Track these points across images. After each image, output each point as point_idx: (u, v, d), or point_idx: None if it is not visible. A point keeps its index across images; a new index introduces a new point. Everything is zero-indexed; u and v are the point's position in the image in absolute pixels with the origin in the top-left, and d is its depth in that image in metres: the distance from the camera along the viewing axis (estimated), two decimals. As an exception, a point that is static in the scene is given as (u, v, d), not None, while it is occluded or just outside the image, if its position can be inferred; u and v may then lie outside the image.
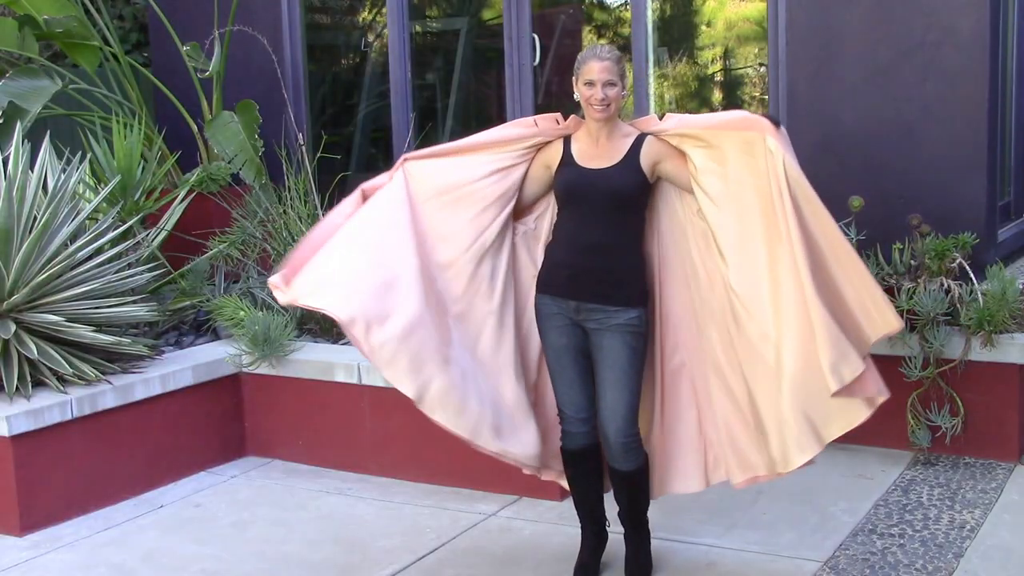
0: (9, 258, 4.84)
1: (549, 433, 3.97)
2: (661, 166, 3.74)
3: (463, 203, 3.84)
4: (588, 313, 3.72)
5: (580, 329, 3.77)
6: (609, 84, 3.64)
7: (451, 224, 3.83)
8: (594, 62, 3.66)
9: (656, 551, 4.06)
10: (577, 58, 3.75)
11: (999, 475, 4.78)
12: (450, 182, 3.85)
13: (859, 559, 4.03)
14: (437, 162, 3.89)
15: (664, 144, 3.75)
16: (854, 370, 3.53)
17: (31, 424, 4.57)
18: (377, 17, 7.51)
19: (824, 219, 3.60)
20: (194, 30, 7.10)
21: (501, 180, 3.84)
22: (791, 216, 3.53)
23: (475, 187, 3.83)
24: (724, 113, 3.84)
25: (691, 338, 3.85)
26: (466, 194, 3.83)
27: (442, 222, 3.84)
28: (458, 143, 3.95)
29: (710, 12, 6.77)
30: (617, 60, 3.68)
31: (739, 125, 3.67)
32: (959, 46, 5.24)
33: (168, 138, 6.83)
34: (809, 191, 3.58)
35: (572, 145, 3.80)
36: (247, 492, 5.01)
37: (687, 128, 3.73)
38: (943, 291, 4.88)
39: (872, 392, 3.61)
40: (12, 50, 6.93)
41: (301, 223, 5.75)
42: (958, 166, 5.31)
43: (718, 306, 3.74)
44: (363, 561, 4.23)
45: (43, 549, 4.45)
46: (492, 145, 3.87)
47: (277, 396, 5.34)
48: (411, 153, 3.96)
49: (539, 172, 3.87)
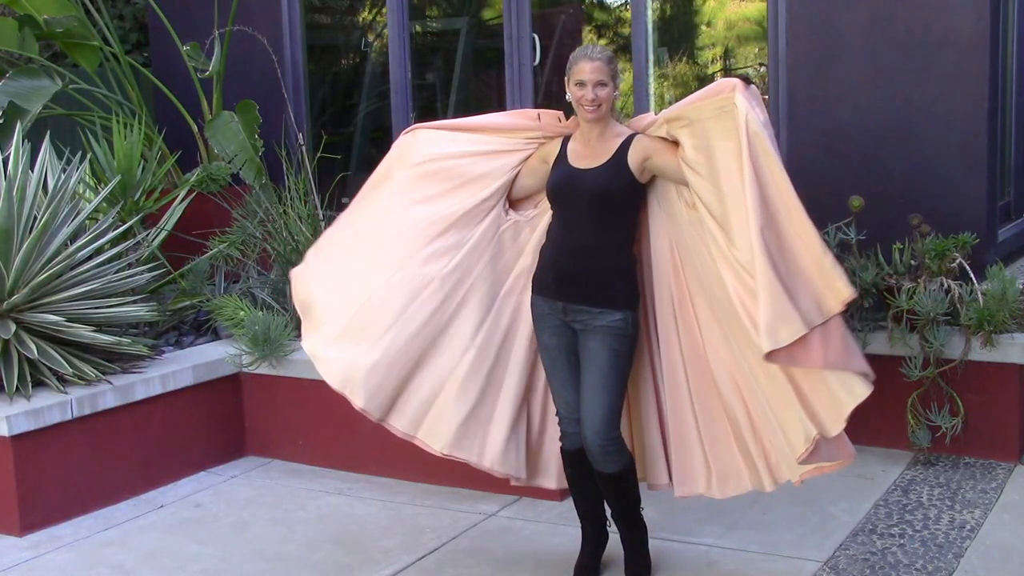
0: (9, 258, 4.84)
1: (535, 440, 3.98)
2: (650, 162, 3.70)
3: (439, 176, 3.91)
4: (574, 314, 3.73)
5: (571, 330, 3.77)
6: (600, 84, 3.63)
7: (425, 191, 3.91)
8: (585, 62, 3.64)
9: (656, 551, 4.06)
10: (569, 58, 3.74)
11: (999, 475, 4.78)
12: (436, 152, 3.92)
13: (859, 559, 4.03)
14: (439, 133, 3.98)
15: (652, 139, 3.72)
16: (793, 332, 3.37)
17: (31, 424, 4.57)
18: (377, 17, 7.51)
19: (780, 177, 3.47)
20: (194, 30, 7.10)
21: (484, 162, 3.88)
22: (747, 167, 3.43)
23: (455, 163, 3.89)
24: (702, 89, 3.75)
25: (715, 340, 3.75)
26: (444, 168, 3.90)
27: (417, 189, 3.92)
28: (462, 121, 4.01)
29: (710, 12, 6.77)
30: (608, 60, 3.66)
31: (711, 92, 3.60)
32: (959, 46, 5.24)
33: (168, 138, 6.83)
34: (768, 146, 3.47)
35: (568, 145, 3.81)
36: (247, 492, 5.01)
37: (670, 112, 3.71)
38: (943, 291, 4.88)
39: (856, 368, 3.46)
40: (12, 50, 6.93)
41: (301, 223, 5.75)
42: (958, 166, 5.31)
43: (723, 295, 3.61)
44: (363, 561, 4.23)
45: (43, 549, 4.45)
46: (492, 129, 3.93)
47: (277, 396, 5.34)
48: (421, 124, 4.06)
49: (536, 165, 3.88)
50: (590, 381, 3.69)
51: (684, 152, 3.63)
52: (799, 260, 3.47)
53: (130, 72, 7.01)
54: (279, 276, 5.83)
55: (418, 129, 4.03)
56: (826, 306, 3.45)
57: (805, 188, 5.72)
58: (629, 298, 3.74)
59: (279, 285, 5.82)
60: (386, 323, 3.86)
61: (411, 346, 3.87)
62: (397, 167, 4.00)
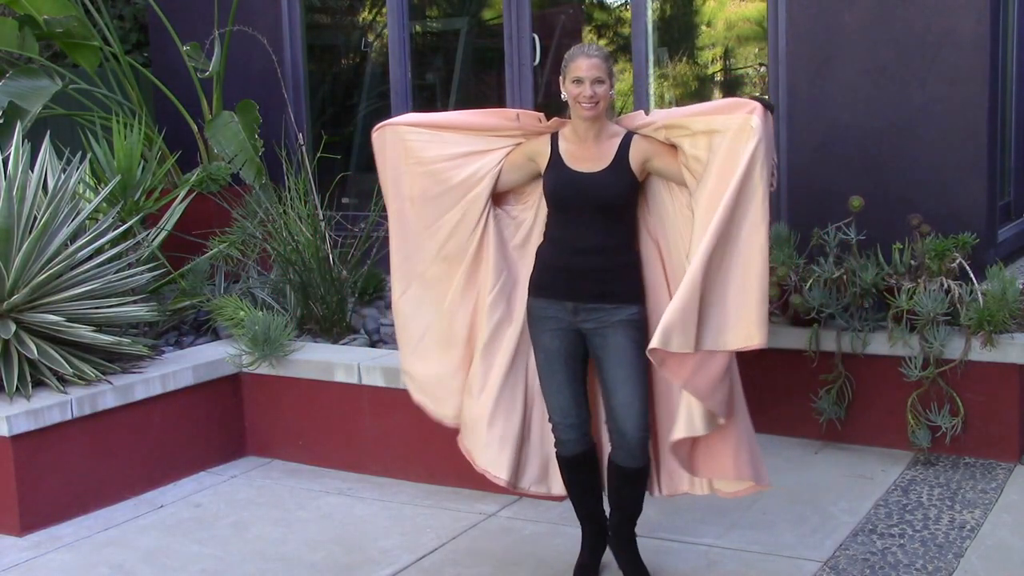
0: (9, 258, 4.84)
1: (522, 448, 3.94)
2: (650, 163, 3.70)
3: (428, 178, 3.89)
4: (587, 314, 3.70)
5: (575, 333, 3.73)
6: (597, 82, 3.60)
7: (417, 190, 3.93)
8: (582, 59, 3.62)
9: (656, 551, 4.06)
10: (564, 57, 3.71)
11: (999, 475, 4.78)
12: (424, 156, 3.89)
13: (859, 559, 4.03)
14: (417, 132, 3.93)
15: (652, 141, 3.71)
16: (681, 345, 3.43)
17: (31, 424, 4.57)
18: (377, 17, 7.51)
19: (759, 211, 3.48)
20: (194, 30, 7.11)
21: (466, 164, 3.85)
22: (732, 189, 3.45)
23: (442, 167, 3.87)
24: (713, 101, 3.78)
25: None
26: (432, 171, 3.88)
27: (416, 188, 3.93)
28: (438, 118, 3.97)
29: (710, 12, 6.77)
30: (605, 58, 3.65)
31: (726, 108, 3.61)
32: (959, 46, 5.24)
33: (168, 138, 6.83)
34: (760, 182, 3.47)
35: (560, 145, 3.75)
36: (247, 492, 5.01)
37: (673, 119, 3.69)
38: (943, 291, 4.88)
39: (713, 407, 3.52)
40: (12, 50, 6.93)
41: (301, 223, 5.75)
42: (958, 166, 5.31)
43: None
44: (363, 561, 4.23)
45: (43, 549, 4.45)
46: (469, 128, 3.89)
47: (277, 396, 5.34)
48: (393, 120, 4.01)
49: (520, 161, 3.83)
50: (621, 376, 3.66)
51: (685, 159, 3.65)
52: (728, 291, 3.50)
53: (130, 72, 7.02)
54: (279, 276, 5.84)
55: (390, 126, 3.98)
56: (725, 339, 3.51)
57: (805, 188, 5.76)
58: (641, 291, 3.75)
59: (279, 285, 5.83)
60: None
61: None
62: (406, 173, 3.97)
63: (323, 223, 5.78)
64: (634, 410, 3.67)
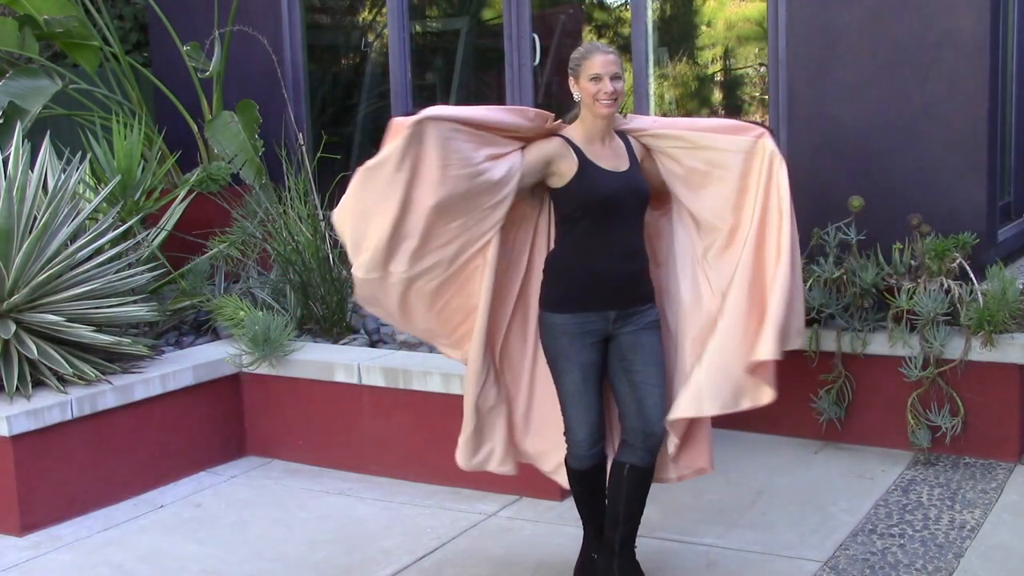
0: (9, 258, 4.84)
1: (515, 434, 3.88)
2: (643, 164, 3.76)
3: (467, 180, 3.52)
4: (625, 319, 3.64)
5: (605, 341, 3.67)
6: (616, 77, 3.57)
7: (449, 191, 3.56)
8: (599, 55, 3.58)
9: (656, 551, 4.06)
10: (573, 56, 3.66)
11: (999, 475, 4.78)
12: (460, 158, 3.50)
13: (859, 559, 4.03)
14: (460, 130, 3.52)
15: (638, 144, 3.78)
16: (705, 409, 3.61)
17: (31, 424, 4.57)
18: (377, 17, 7.51)
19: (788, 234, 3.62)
20: (194, 30, 7.11)
21: (498, 165, 3.57)
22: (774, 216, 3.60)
23: (481, 167, 3.54)
24: (713, 120, 3.88)
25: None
26: (469, 174, 3.51)
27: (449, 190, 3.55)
28: (474, 115, 3.57)
29: (710, 12, 6.77)
30: (618, 55, 3.68)
31: (731, 130, 3.69)
32: (959, 46, 5.24)
33: (168, 138, 6.83)
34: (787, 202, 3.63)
35: (581, 147, 3.62)
36: (247, 492, 5.01)
37: (669, 131, 3.73)
38: (943, 291, 4.88)
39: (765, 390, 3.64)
40: (12, 50, 6.93)
41: (301, 223, 5.75)
42: (958, 166, 5.31)
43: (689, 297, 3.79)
44: (363, 561, 4.23)
45: (43, 549, 4.45)
46: (498, 128, 3.60)
47: (277, 396, 5.34)
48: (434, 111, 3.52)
49: (538, 165, 3.62)
50: (654, 378, 3.65)
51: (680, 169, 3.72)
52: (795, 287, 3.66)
53: (130, 72, 7.02)
54: (279, 276, 5.84)
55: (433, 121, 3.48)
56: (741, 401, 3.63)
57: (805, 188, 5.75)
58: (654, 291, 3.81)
59: (279, 285, 5.83)
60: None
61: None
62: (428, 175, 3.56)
63: (323, 223, 5.78)
64: (661, 409, 3.66)
